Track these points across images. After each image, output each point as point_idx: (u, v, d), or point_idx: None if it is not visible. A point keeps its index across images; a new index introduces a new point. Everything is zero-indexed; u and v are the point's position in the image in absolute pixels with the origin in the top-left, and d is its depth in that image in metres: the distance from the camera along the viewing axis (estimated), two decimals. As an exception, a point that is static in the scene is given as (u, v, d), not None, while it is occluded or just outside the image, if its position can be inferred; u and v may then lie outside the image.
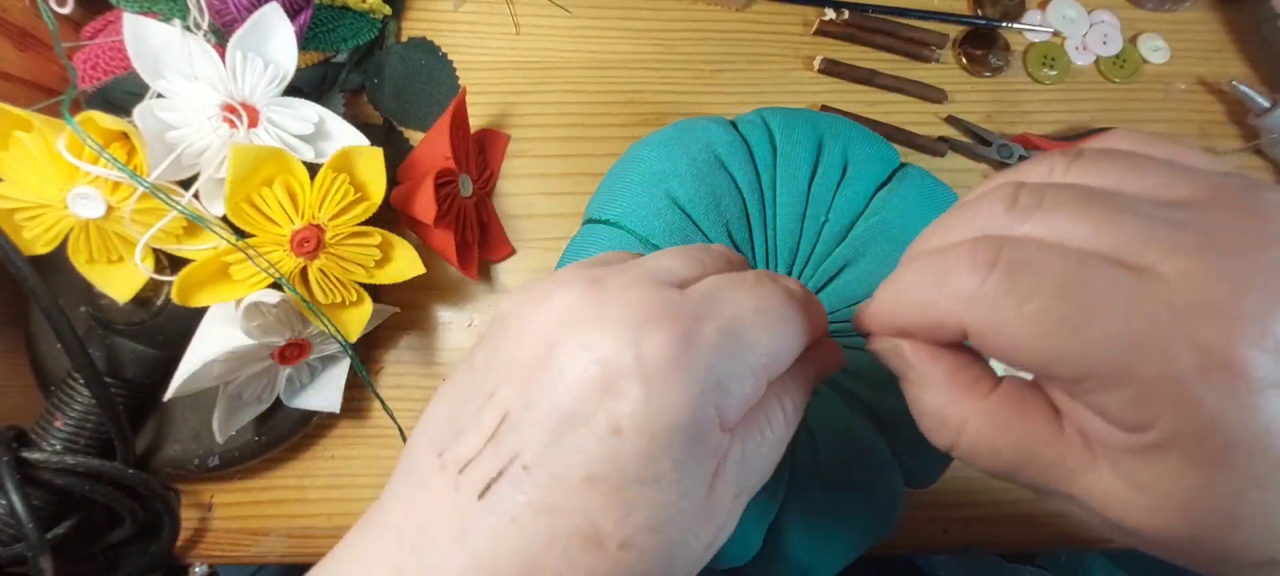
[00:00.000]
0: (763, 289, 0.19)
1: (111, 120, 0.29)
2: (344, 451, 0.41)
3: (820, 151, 0.34)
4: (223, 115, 0.32)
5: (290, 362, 0.35)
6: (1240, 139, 0.48)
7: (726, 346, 0.18)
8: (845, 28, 0.47)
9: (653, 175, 0.33)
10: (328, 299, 0.33)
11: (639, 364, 0.16)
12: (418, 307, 0.42)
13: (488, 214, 0.43)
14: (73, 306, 0.35)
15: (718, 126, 0.35)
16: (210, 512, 0.39)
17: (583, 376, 0.17)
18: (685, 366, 0.17)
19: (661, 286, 0.18)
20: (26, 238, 0.30)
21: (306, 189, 0.31)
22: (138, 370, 0.35)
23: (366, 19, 0.43)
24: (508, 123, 0.46)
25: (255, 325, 0.31)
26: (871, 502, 0.31)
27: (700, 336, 0.17)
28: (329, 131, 0.35)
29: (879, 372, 0.32)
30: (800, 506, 0.31)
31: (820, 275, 0.33)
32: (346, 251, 0.33)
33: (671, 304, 0.18)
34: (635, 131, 0.45)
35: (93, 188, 0.30)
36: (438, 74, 0.45)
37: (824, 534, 0.31)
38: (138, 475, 0.33)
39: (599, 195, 0.35)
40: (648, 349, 0.17)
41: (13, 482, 0.29)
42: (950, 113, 0.47)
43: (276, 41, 0.34)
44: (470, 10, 0.47)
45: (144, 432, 0.37)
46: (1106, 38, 0.49)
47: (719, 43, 0.48)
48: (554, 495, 0.16)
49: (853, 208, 0.33)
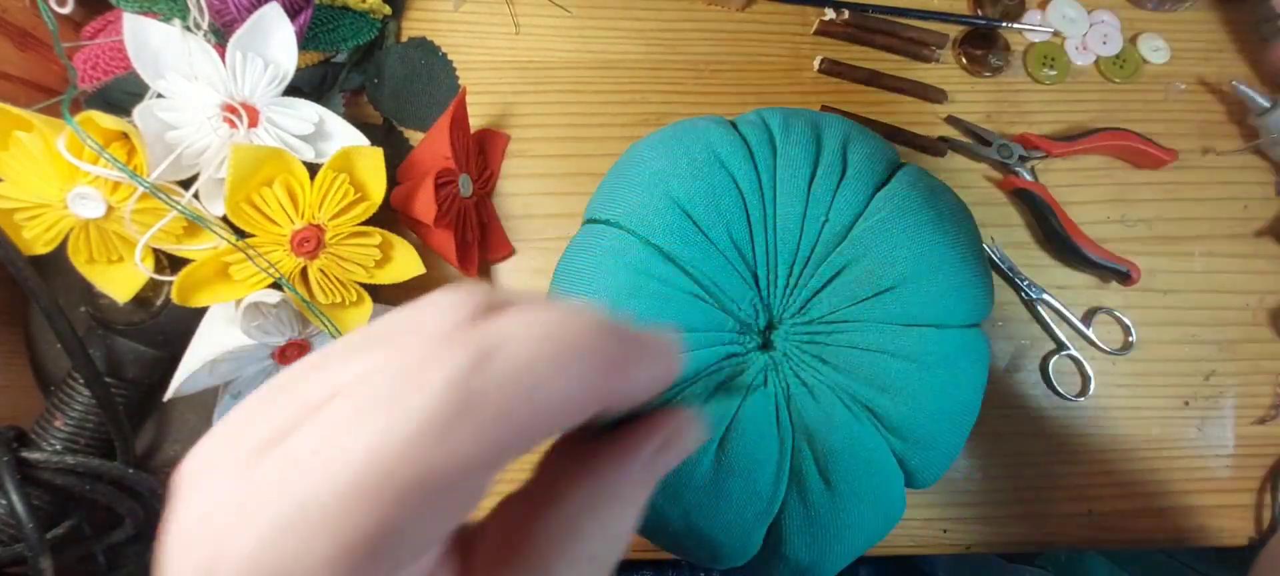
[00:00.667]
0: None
1: (111, 120, 0.29)
2: (344, 451, 0.40)
3: (820, 151, 0.34)
4: (223, 115, 0.32)
5: (290, 362, 0.35)
6: (1240, 139, 0.48)
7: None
8: (845, 28, 0.47)
9: (653, 175, 0.33)
10: (328, 299, 0.33)
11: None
12: (418, 307, 0.42)
13: (488, 214, 0.43)
14: (73, 306, 0.35)
15: (718, 126, 0.35)
16: (210, 512, 0.39)
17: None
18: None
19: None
20: (26, 238, 0.30)
21: (306, 189, 0.31)
22: (138, 370, 0.35)
23: (366, 19, 0.43)
24: (508, 123, 0.46)
25: (255, 325, 0.31)
26: (872, 504, 0.31)
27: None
28: (329, 131, 0.35)
29: (879, 374, 0.32)
30: (800, 507, 0.31)
31: (820, 275, 0.33)
32: (346, 251, 0.33)
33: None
34: (635, 131, 0.45)
35: (93, 188, 0.30)
36: (438, 74, 0.45)
37: (824, 535, 0.31)
38: (138, 475, 0.33)
39: (599, 195, 0.35)
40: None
41: (13, 482, 0.29)
42: (950, 113, 0.47)
43: (276, 41, 0.34)
44: (470, 10, 0.47)
45: (144, 432, 0.37)
46: (1106, 38, 0.49)
47: (719, 43, 0.48)
48: None
49: (853, 207, 0.33)
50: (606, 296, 0.31)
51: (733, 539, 0.31)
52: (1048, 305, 0.44)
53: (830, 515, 0.30)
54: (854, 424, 0.31)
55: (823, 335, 0.33)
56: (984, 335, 0.34)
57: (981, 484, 0.42)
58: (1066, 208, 0.44)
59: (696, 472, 0.30)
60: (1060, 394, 0.43)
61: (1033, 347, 0.44)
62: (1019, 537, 0.42)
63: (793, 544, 0.31)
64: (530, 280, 0.43)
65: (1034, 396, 0.43)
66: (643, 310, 0.31)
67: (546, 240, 0.44)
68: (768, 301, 0.34)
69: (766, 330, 0.35)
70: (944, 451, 0.32)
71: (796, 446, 0.31)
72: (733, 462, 0.30)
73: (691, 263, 0.32)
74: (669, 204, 0.32)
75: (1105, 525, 0.42)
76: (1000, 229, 0.46)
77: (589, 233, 0.34)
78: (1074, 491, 0.42)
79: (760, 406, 0.32)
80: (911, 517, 0.41)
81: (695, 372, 0.32)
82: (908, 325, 0.32)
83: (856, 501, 0.31)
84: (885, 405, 0.31)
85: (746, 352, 0.34)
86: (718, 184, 0.33)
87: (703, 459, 0.30)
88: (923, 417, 0.31)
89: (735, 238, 0.33)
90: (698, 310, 0.32)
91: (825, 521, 0.30)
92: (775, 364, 0.34)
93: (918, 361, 0.31)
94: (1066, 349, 0.44)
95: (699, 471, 0.30)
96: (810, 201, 0.33)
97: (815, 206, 0.33)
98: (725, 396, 0.32)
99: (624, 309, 0.31)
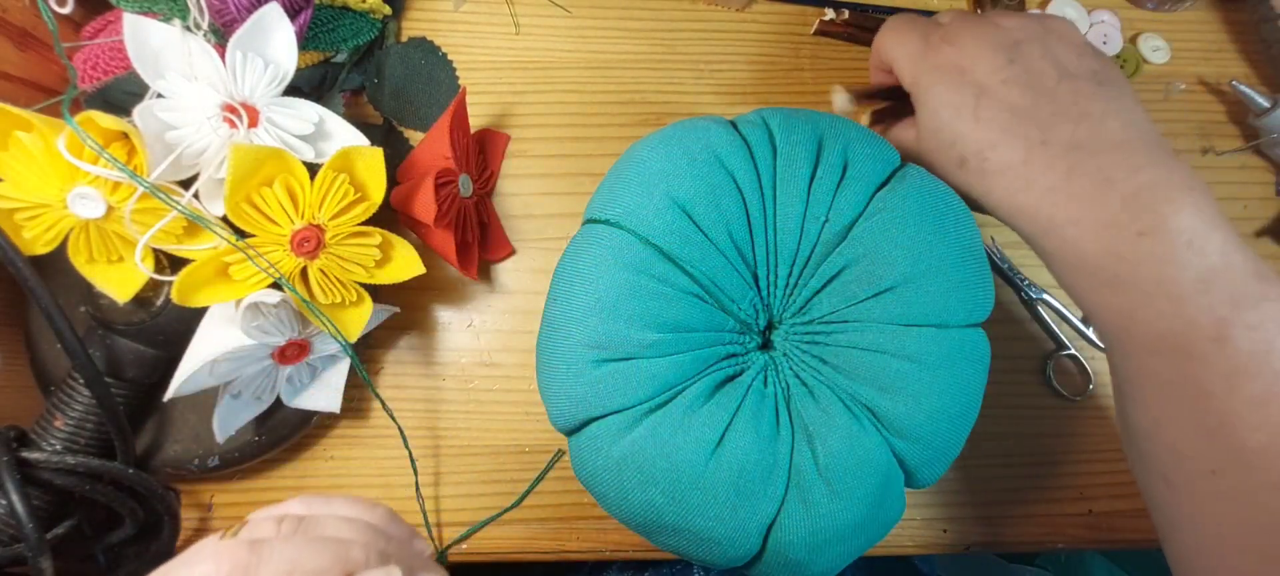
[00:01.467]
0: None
1: (111, 120, 0.29)
2: (344, 451, 0.41)
3: (820, 151, 0.34)
4: (223, 115, 0.32)
5: (290, 362, 0.35)
6: (1240, 139, 0.48)
7: None
8: (845, 28, 0.47)
9: (653, 174, 0.33)
10: (328, 299, 0.33)
11: None
12: (418, 308, 0.42)
13: (488, 214, 0.43)
14: (73, 306, 0.35)
15: (718, 126, 0.35)
16: (210, 512, 0.39)
17: None
18: None
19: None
20: (26, 238, 0.30)
21: (306, 189, 0.31)
22: (138, 370, 0.35)
23: (366, 19, 0.43)
24: (508, 123, 0.46)
25: (255, 325, 0.31)
26: (872, 504, 0.31)
27: None
28: (329, 131, 0.35)
29: (879, 374, 0.32)
30: (799, 508, 0.31)
31: (821, 275, 0.33)
32: (346, 251, 0.33)
33: None
34: (635, 131, 0.45)
35: (93, 188, 0.30)
36: (438, 74, 0.45)
37: (823, 535, 0.31)
38: (138, 475, 0.33)
39: (599, 195, 0.35)
40: None
41: (13, 482, 0.29)
42: (950, 113, 0.47)
43: (276, 41, 0.34)
44: (470, 10, 0.47)
45: (144, 432, 0.37)
46: (1107, 37, 0.49)
47: (719, 43, 0.48)
48: None
49: (853, 207, 0.33)
50: (606, 296, 0.31)
51: (731, 538, 0.31)
52: (1048, 305, 0.44)
53: (830, 515, 0.30)
54: (854, 424, 0.31)
55: (823, 335, 0.33)
56: (985, 335, 0.34)
57: (982, 484, 0.42)
58: (1066, 208, 0.45)
59: (695, 472, 0.30)
60: (1060, 394, 0.43)
61: (1033, 347, 0.44)
62: (1019, 537, 0.42)
63: (792, 544, 0.31)
64: (530, 280, 0.43)
65: (1034, 396, 0.43)
66: (642, 309, 0.31)
67: (547, 240, 0.44)
68: (768, 301, 0.34)
69: (766, 330, 0.35)
70: (944, 451, 0.32)
71: (796, 446, 0.31)
72: (732, 462, 0.30)
73: (691, 262, 0.32)
74: (669, 203, 0.32)
75: (1105, 525, 0.42)
76: (1000, 229, 0.46)
77: (588, 233, 0.34)
78: (1074, 491, 0.42)
79: (760, 406, 0.32)
80: (911, 517, 0.41)
81: (694, 372, 0.32)
82: (908, 325, 0.32)
83: (856, 502, 0.30)
84: (885, 405, 0.31)
85: (746, 352, 0.34)
86: (718, 183, 0.33)
87: (702, 459, 0.30)
88: (923, 417, 0.31)
89: (735, 237, 0.33)
90: (697, 310, 0.32)
91: (825, 522, 0.30)
92: (775, 364, 0.34)
93: (918, 361, 0.31)
94: (1066, 349, 0.44)
95: (698, 471, 0.30)
96: (811, 201, 0.33)
97: (816, 206, 0.33)
98: (724, 396, 0.32)
99: (623, 309, 0.31)
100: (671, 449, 0.30)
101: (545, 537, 0.40)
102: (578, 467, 0.33)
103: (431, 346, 0.42)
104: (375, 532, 0.26)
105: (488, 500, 0.40)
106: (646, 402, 0.31)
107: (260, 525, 0.25)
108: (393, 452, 0.40)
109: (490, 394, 0.42)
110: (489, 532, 0.40)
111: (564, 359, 0.32)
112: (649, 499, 0.31)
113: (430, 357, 0.42)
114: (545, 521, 0.40)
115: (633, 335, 0.31)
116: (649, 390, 0.31)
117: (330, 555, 0.23)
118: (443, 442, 0.41)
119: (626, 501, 0.31)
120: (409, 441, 0.38)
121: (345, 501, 0.27)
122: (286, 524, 0.25)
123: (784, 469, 0.31)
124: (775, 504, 0.31)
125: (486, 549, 0.40)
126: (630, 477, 0.31)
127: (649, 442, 0.30)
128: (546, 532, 0.40)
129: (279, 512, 0.26)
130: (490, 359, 0.42)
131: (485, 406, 0.41)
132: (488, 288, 0.43)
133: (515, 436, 0.41)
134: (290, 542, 0.23)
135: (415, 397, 0.41)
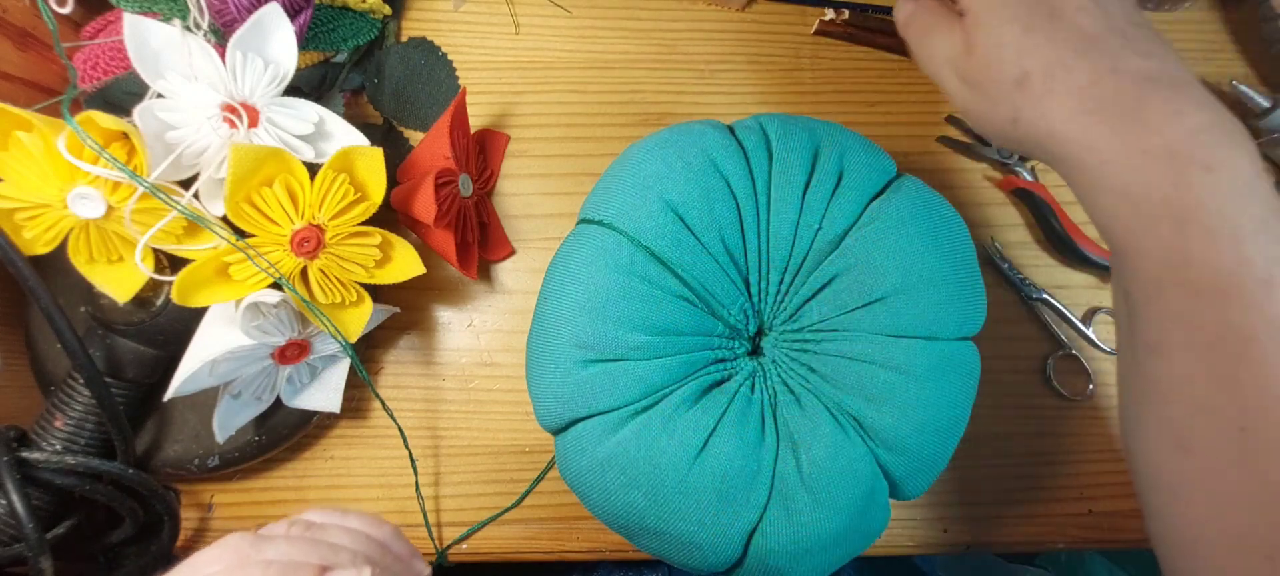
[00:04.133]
0: None
1: (111, 120, 0.29)
2: (343, 451, 0.41)
3: (816, 159, 0.34)
4: (223, 115, 0.32)
5: (290, 362, 0.35)
6: (1240, 139, 0.48)
7: None
8: (845, 28, 0.47)
9: (647, 177, 0.33)
10: (328, 299, 0.33)
11: None
12: (418, 308, 0.42)
13: (488, 214, 0.43)
14: (73, 306, 0.35)
15: (714, 130, 0.35)
16: (210, 512, 0.39)
17: None
18: None
19: None
20: (26, 238, 0.30)
21: (306, 189, 0.31)
22: (138, 370, 0.35)
23: (366, 19, 0.43)
24: (508, 123, 0.46)
25: (255, 325, 0.31)
26: (855, 514, 0.31)
27: None
28: (329, 131, 0.35)
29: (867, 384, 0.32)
30: (782, 516, 0.30)
31: (811, 283, 0.33)
32: (346, 251, 0.33)
33: None
34: (635, 131, 0.45)
35: (93, 188, 0.30)
36: (438, 74, 0.45)
37: (805, 543, 0.30)
38: (138, 475, 0.33)
39: (593, 195, 0.35)
40: None
41: (13, 482, 0.29)
42: (950, 112, 0.47)
43: (276, 41, 0.34)
44: (470, 10, 0.47)
45: (144, 432, 0.37)
46: (1106, 38, 0.49)
47: (719, 43, 0.48)
48: None
49: (847, 216, 0.33)
50: (596, 297, 0.31)
51: (713, 544, 0.31)
52: (1048, 305, 0.44)
53: (812, 524, 0.30)
54: (839, 433, 0.31)
55: (812, 343, 0.33)
56: (975, 349, 0.34)
57: (982, 483, 0.42)
58: (1067, 207, 0.44)
59: (679, 476, 0.30)
60: (1060, 394, 0.43)
61: (1033, 348, 0.44)
62: (1019, 537, 0.42)
63: (774, 551, 0.30)
64: (530, 280, 0.43)
65: (1034, 396, 0.43)
66: (631, 311, 0.31)
67: (547, 240, 0.44)
68: (758, 307, 0.34)
69: (756, 336, 0.35)
70: (930, 463, 0.32)
71: (780, 454, 0.31)
72: (715, 467, 0.30)
73: (682, 266, 0.32)
74: (661, 206, 0.32)
75: (1105, 525, 0.42)
76: (1000, 229, 0.46)
77: (581, 233, 0.34)
78: (1074, 491, 0.42)
79: (746, 412, 0.32)
80: (911, 517, 0.41)
81: (682, 376, 0.32)
82: (898, 336, 0.32)
83: (839, 511, 0.30)
84: (872, 416, 0.31)
85: (735, 358, 0.34)
86: (712, 188, 0.33)
87: (686, 462, 0.30)
88: (910, 429, 0.31)
89: (727, 242, 0.33)
90: (686, 313, 0.32)
91: (807, 530, 0.30)
92: (763, 370, 0.34)
93: (907, 373, 0.31)
94: (1066, 349, 0.44)
95: (681, 475, 0.30)
96: (804, 209, 0.33)
97: (809, 214, 0.33)
98: (711, 401, 0.32)
99: (613, 310, 0.31)
100: (656, 452, 0.30)
101: (545, 537, 0.40)
102: (563, 467, 0.33)
103: (431, 346, 0.42)
104: (373, 545, 0.29)
105: (488, 500, 0.40)
106: (633, 404, 0.31)
107: (274, 526, 0.28)
108: (393, 452, 0.40)
109: (490, 394, 0.42)
110: (489, 532, 0.40)
111: (553, 358, 0.32)
112: (631, 501, 0.31)
113: (430, 357, 0.42)
114: (545, 521, 0.40)
115: (621, 337, 0.31)
116: (636, 392, 0.31)
117: (319, 555, 0.26)
118: (443, 442, 0.41)
119: (609, 502, 0.31)
120: (409, 441, 0.38)
121: (358, 517, 0.30)
122: (296, 526, 0.28)
123: (768, 476, 0.31)
124: (758, 511, 0.30)
125: (486, 549, 0.40)
126: (614, 479, 0.31)
127: (634, 444, 0.30)
128: (546, 532, 0.40)
129: (296, 518, 0.29)
130: (490, 359, 0.42)
131: (485, 406, 0.41)
132: (488, 288, 0.43)
133: (515, 436, 0.41)
134: (290, 541, 0.26)
135: (415, 397, 0.41)
